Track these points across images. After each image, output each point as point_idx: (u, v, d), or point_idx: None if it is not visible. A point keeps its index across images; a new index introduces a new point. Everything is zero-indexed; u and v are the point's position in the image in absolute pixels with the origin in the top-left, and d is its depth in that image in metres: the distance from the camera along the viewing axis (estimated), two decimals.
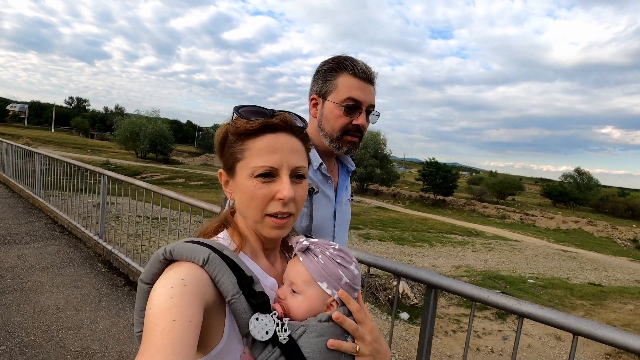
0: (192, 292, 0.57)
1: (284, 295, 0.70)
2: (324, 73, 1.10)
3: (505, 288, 8.62)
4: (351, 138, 1.10)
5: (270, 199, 0.67)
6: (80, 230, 4.99)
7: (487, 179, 49.15)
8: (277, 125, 0.69)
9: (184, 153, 52.54)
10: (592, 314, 7.53)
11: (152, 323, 0.53)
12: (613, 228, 23.53)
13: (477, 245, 14.32)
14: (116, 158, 29.93)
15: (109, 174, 4.63)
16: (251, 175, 0.67)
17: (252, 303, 0.62)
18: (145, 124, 34.38)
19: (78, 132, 68.57)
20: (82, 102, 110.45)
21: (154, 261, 0.63)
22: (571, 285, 9.63)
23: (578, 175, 51.86)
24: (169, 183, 20.41)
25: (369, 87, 1.09)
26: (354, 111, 1.08)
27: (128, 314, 3.24)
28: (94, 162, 23.02)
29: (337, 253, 0.72)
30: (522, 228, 21.82)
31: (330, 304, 0.70)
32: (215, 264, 0.61)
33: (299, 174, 0.70)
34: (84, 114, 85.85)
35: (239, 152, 0.69)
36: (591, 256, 15.27)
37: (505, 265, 11.74)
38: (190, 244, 0.63)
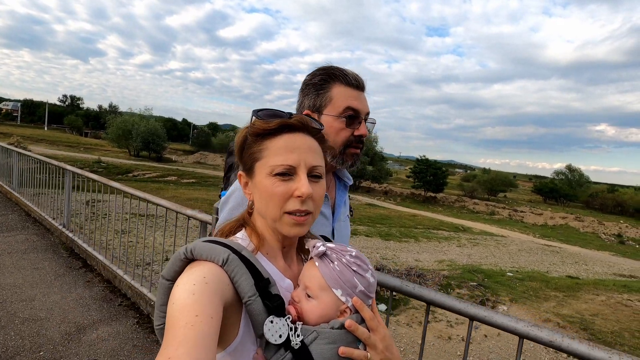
0: (213, 289, 0.59)
1: (299, 298, 0.71)
2: (314, 86, 1.05)
3: (483, 281, 8.87)
4: (354, 150, 1.06)
5: (289, 196, 0.68)
6: (48, 221, 5.37)
7: (480, 176, 49.61)
8: (295, 125, 0.70)
9: (178, 151, 52.47)
10: (563, 304, 7.80)
11: (175, 318, 0.54)
12: (599, 223, 23.94)
13: (462, 240, 14.60)
14: (109, 156, 29.91)
15: (72, 169, 4.91)
16: (270, 173, 0.68)
17: (268, 305, 0.63)
18: (137, 122, 34.36)
19: (71, 130, 68.19)
20: (76, 100, 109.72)
21: (175, 259, 0.65)
22: (548, 278, 9.91)
23: (569, 172, 52.46)
24: (160, 181, 20.50)
25: (363, 95, 1.06)
26: (354, 121, 1.04)
27: (78, 290, 3.67)
28: (85, 161, 23.03)
29: (354, 260, 0.72)
30: (510, 224, 22.17)
31: (344, 311, 0.70)
32: (234, 264, 0.63)
33: (316, 173, 0.71)
34: (77, 112, 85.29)
35: (257, 152, 0.70)
36: (574, 251, 15.61)
37: (487, 260, 12.00)
38: (210, 244, 0.65)
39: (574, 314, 7.23)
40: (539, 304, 7.64)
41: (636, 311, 7.80)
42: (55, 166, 5.41)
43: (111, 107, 73.57)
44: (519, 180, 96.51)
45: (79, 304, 3.40)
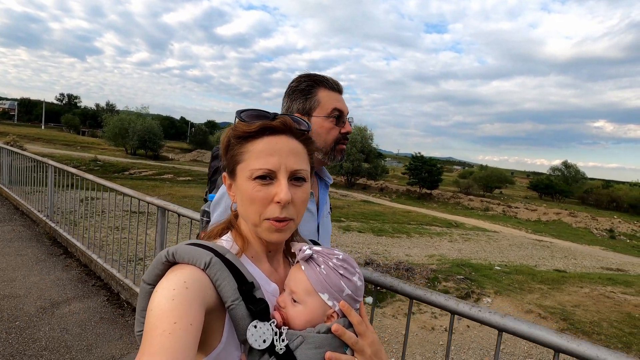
0: (194, 294, 0.57)
1: (284, 304, 0.70)
2: (302, 92, 1.15)
3: (471, 274, 9.05)
4: (342, 146, 1.19)
5: (269, 202, 0.67)
6: (34, 214, 5.71)
7: (477, 172, 49.86)
8: (277, 127, 0.69)
9: (175, 149, 52.51)
10: (547, 296, 7.98)
11: (153, 325, 0.53)
12: (593, 219, 24.17)
13: (454, 235, 14.78)
14: (105, 155, 29.99)
15: (53, 164, 5.17)
16: (250, 177, 0.67)
17: (252, 310, 0.62)
18: (134, 120, 34.43)
19: (69, 129, 68.11)
20: (74, 99, 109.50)
21: (156, 263, 0.63)
22: (535, 272, 10.10)
23: (565, 168, 52.72)
24: (156, 179, 20.61)
25: (342, 98, 1.20)
26: (340, 120, 1.16)
27: (57, 273, 4.07)
28: (82, 159, 23.11)
29: (340, 263, 0.71)
30: (503, 220, 22.36)
31: (331, 315, 0.69)
32: (216, 268, 0.61)
33: (299, 176, 0.69)
34: (74, 110, 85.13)
35: (239, 155, 0.70)
36: (565, 245, 15.81)
37: (478, 254, 12.18)
38: (193, 247, 0.64)
39: (555, 305, 7.41)
40: (522, 296, 7.82)
41: (617, 302, 8.00)
42: (38, 161, 5.74)
43: (108, 105, 73.51)
44: (516, 176, 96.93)
45: (56, 284, 3.80)
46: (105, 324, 3.14)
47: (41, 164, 5.61)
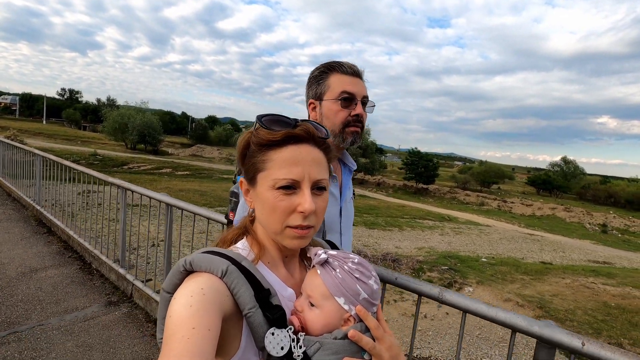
0: (211, 301, 0.58)
1: (302, 308, 0.70)
2: (315, 78, 1.20)
3: (456, 265, 9.30)
4: (353, 128, 1.18)
5: (292, 211, 0.67)
6: (24, 199, 6.20)
7: (475, 168, 49.98)
8: (300, 136, 0.69)
9: (175, 144, 52.77)
10: (527, 286, 8.23)
11: (172, 331, 0.54)
12: (587, 214, 24.37)
13: (446, 229, 15.00)
14: (105, 149, 30.27)
15: (42, 154, 5.57)
16: (273, 187, 0.67)
17: (269, 317, 0.62)
18: (133, 115, 34.68)
19: (70, 124, 68.38)
20: (75, 94, 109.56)
21: (174, 272, 0.65)
22: (520, 263, 10.33)
23: (564, 164, 52.80)
24: (155, 173, 20.88)
25: (359, 81, 1.19)
26: (350, 103, 1.16)
27: (39, 247, 4.60)
28: (82, 154, 23.39)
29: (356, 267, 0.71)
30: (498, 214, 22.58)
31: (348, 320, 0.70)
32: (233, 276, 0.62)
33: (320, 186, 0.70)
34: (76, 105, 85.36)
35: (260, 163, 0.69)
36: (555, 239, 16.03)
37: (467, 247, 12.39)
38: (209, 255, 0.65)
39: (534, 295, 7.66)
40: (504, 285, 8.06)
41: (596, 292, 8.24)
42: (27, 151, 6.26)
43: (109, 100, 73.70)
44: (517, 172, 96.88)
45: (37, 255, 4.35)
46: (74, 285, 3.69)
47: (29, 153, 6.11)
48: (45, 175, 5.77)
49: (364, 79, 1.22)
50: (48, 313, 3.12)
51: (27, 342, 2.72)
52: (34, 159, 5.99)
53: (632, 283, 9.34)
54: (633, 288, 8.88)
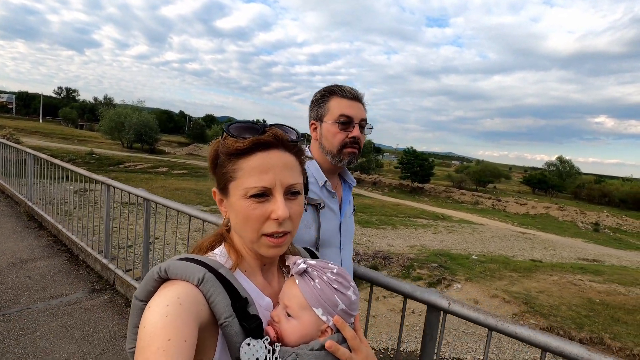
0: (188, 311, 0.57)
1: (278, 318, 0.69)
2: (317, 101, 1.28)
3: (446, 263, 9.45)
4: (350, 150, 1.24)
5: (266, 219, 0.66)
6: (17, 196, 6.42)
7: (472, 167, 50.25)
8: (269, 142, 0.68)
9: (172, 143, 52.76)
10: (515, 283, 8.38)
11: (146, 342, 0.53)
12: (581, 213, 24.60)
13: (439, 227, 15.14)
14: (102, 148, 30.28)
15: (33, 152, 5.73)
16: (244, 195, 0.66)
17: (245, 327, 0.61)
18: (130, 114, 34.70)
19: (66, 122, 68.20)
20: (72, 93, 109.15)
21: (148, 279, 0.63)
22: (509, 261, 10.48)
23: (560, 164, 53.16)
24: (151, 172, 20.94)
25: (357, 104, 1.25)
26: (348, 126, 1.22)
27: (30, 241, 4.85)
28: (78, 152, 23.40)
29: (335, 277, 0.71)
30: (492, 213, 22.76)
31: (325, 330, 0.69)
32: (210, 284, 0.61)
33: (294, 190, 0.69)
34: (72, 104, 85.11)
35: (230, 173, 0.68)
36: (547, 237, 16.20)
37: (459, 245, 12.52)
38: (186, 262, 0.63)
39: (521, 291, 7.81)
40: (492, 282, 8.20)
41: (582, 289, 8.40)
42: (20, 150, 6.46)
43: (106, 99, 73.55)
44: (515, 172, 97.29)
45: (27, 248, 4.60)
46: (61, 275, 3.94)
47: (22, 152, 6.32)
48: (36, 173, 5.95)
49: (363, 102, 1.28)
50: (35, 298, 3.39)
51: (14, 323, 2.96)
52: (26, 157, 6.20)
53: (618, 280, 9.50)
54: (619, 285, 9.05)
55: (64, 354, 2.68)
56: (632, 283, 9.36)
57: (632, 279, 9.81)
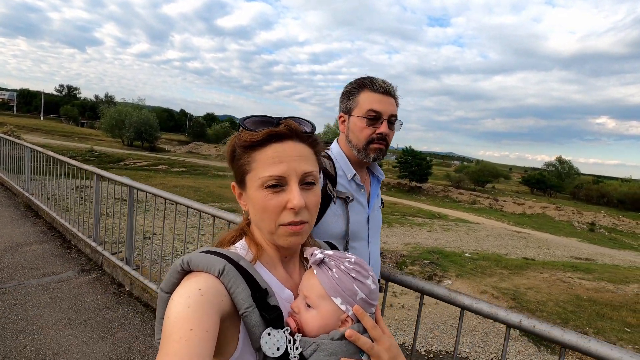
0: (209, 301, 0.58)
1: (298, 309, 0.70)
2: (347, 94, 1.26)
3: (438, 260, 9.59)
4: (377, 145, 1.22)
5: (282, 208, 0.67)
6: (16, 188, 6.77)
7: (471, 167, 50.38)
8: (282, 133, 0.69)
9: (173, 141, 52.92)
10: (505, 279, 8.51)
11: (170, 332, 0.54)
12: (578, 213, 24.73)
13: (434, 226, 15.26)
14: (102, 146, 30.46)
15: (30, 146, 5.99)
16: (260, 186, 0.67)
17: (265, 317, 0.62)
18: (130, 112, 34.90)
19: (67, 120, 68.41)
20: (73, 90, 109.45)
21: (172, 271, 0.65)
22: (501, 259, 10.60)
23: (559, 164, 53.25)
24: (150, 169, 21.11)
25: (388, 99, 1.21)
26: (376, 121, 1.20)
27: (26, 227, 5.22)
28: (78, 150, 23.57)
29: (353, 267, 0.71)
30: (488, 212, 22.88)
31: (345, 320, 0.69)
32: (230, 275, 0.62)
33: (309, 180, 0.70)
34: (74, 102, 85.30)
35: (246, 165, 0.70)
36: (542, 236, 16.32)
37: (453, 243, 12.62)
38: (207, 255, 0.65)
39: (510, 288, 7.94)
40: (482, 279, 8.33)
41: (571, 286, 8.54)
42: (17, 144, 6.79)
43: (107, 97, 73.75)
44: (515, 172, 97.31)
45: (24, 234, 4.97)
46: (53, 257, 4.30)
47: (19, 146, 6.65)
48: (34, 169, 6.25)
49: (396, 96, 1.24)
50: (29, 276, 3.75)
51: (9, 295, 3.29)
52: (23, 150, 6.51)
53: (608, 278, 9.62)
54: (608, 282, 9.17)
55: (52, 320, 2.99)
56: (622, 281, 9.49)
57: (622, 277, 9.95)
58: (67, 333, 2.85)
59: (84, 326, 2.97)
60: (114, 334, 2.93)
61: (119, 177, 3.76)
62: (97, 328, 2.97)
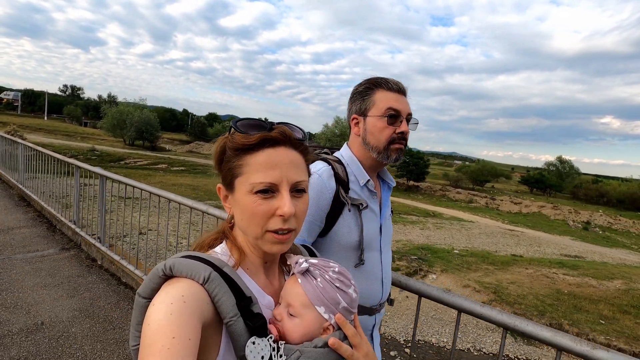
0: (192, 309, 0.57)
1: (281, 317, 0.70)
2: (360, 94, 1.20)
3: (426, 255, 9.80)
4: (398, 145, 1.18)
5: (271, 215, 0.67)
6: (12, 181, 7.33)
7: (471, 166, 50.44)
8: (276, 139, 0.68)
9: (174, 141, 53.34)
10: (489, 275, 8.71)
11: (151, 340, 0.53)
12: (575, 212, 24.83)
13: (428, 224, 15.43)
14: (104, 145, 30.88)
15: (23, 142, 6.45)
16: (250, 191, 0.66)
17: (250, 326, 0.62)
18: (132, 112, 35.31)
19: (71, 120, 69.00)
20: (77, 90, 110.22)
21: (152, 276, 0.63)
22: (489, 255, 10.78)
23: (560, 164, 53.22)
24: (150, 168, 21.44)
25: (404, 98, 1.19)
26: (396, 120, 1.16)
27: (18, 215, 5.81)
28: (80, 149, 23.96)
29: (337, 276, 0.72)
30: (484, 211, 23.01)
31: (327, 328, 0.70)
32: (215, 283, 0.61)
33: (299, 188, 0.69)
34: (77, 102, 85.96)
35: (237, 168, 0.68)
36: (535, 235, 16.46)
37: (444, 241, 12.78)
38: (191, 260, 0.63)
39: (493, 282, 8.14)
40: (466, 274, 8.53)
41: (554, 281, 8.73)
42: (11, 140, 7.36)
43: (109, 97, 74.29)
44: (517, 172, 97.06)
45: (15, 219, 5.59)
46: (39, 238, 4.91)
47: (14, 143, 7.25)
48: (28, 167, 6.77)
49: (407, 95, 1.22)
50: (16, 252, 4.38)
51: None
52: (17, 147, 7.06)
53: (593, 274, 9.79)
54: (592, 278, 9.35)
55: (30, 283, 3.63)
56: (606, 277, 9.66)
57: (608, 273, 10.12)
58: (42, 292, 3.47)
59: (57, 288, 3.58)
60: (81, 294, 3.56)
61: (92, 167, 4.32)
62: (67, 290, 3.58)
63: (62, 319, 3.08)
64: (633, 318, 6.84)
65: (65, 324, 3.02)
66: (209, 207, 2.65)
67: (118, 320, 3.17)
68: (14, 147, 7.33)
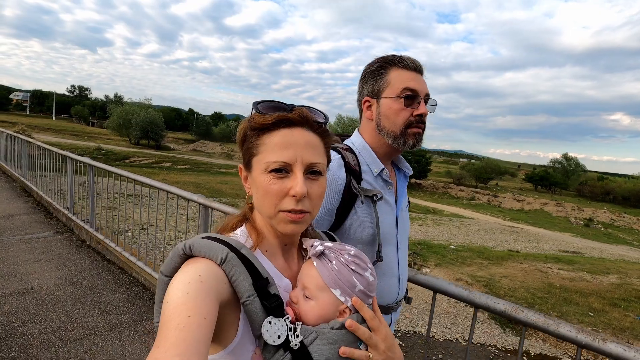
0: (209, 288, 0.58)
1: (297, 299, 0.71)
2: (372, 73, 1.10)
3: (421, 250, 9.92)
4: (415, 129, 1.07)
5: (284, 195, 0.67)
6: (15, 175, 7.99)
7: (475, 164, 50.21)
8: (293, 119, 0.69)
9: (179, 140, 53.82)
10: (483, 269, 8.79)
11: (168, 317, 0.55)
12: (578, 209, 24.69)
13: (427, 221, 15.49)
14: (110, 144, 31.35)
15: (25, 138, 6.91)
16: (265, 170, 0.68)
17: (266, 306, 0.63)
18: (137, 111, 35.78)
19: (78, 120, 69.96)
20: (84, 91, 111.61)
21: (173, 255, 0.65)
22: (485, 250, 10.84)
23: (566, 161, 52.72)
24: (155, 166, 21.79)
25: (421, 77, 1.09)
26: (413, 101, 1.06)
27: (19, 204, 6.32)
28: (86, 148, 24.40)
29: (352, 259, 0.72)
30: (486, 208, 22.99)
31: (343, 311, 0.70)
32: (232, 263, 0.63)
33: (315, 170, 0.69)
34: (84, 102, 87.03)
35: (254, 147, 0.70)
36: (535, 231, 16.45)
37: (442, 237, 12.80)
38: (209, 241, 0.65)
39: (486, 276, 8.24)
40: (460, 268, 8.64)
41: (547, 275, 8.80)
42: (14, 137, 7.83)
43: (116, 97, 75.18)
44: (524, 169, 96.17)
45: (17, 208, 6.08)
46: (37, 223, 5.41)
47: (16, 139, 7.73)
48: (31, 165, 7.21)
49: (424, 74, 1.11)
50: (14, 234, 4.88)
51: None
52: (20, 142, 7.57)
53: (588, 269, 9.82)
54: (587, 273, 9.39)
55: (25, 259, 4.08)
56: (601, 272, 9.70)
57: (603, 269, 10.15)
58: (34, 265, 3.95)
59: (48, 263, 4.05)
60: (68, 267, 3.99)
61: (81, 158, 4.86)
62: (57, 264, 4.05)
63: (50, 285, 3.53)
64: (622, 310, 6.92)
65: (52, 289, 3.46)
66: (192, 195, 2.80)
67: (98, 288, 3.61)
68: (17, 143, 7.87)
